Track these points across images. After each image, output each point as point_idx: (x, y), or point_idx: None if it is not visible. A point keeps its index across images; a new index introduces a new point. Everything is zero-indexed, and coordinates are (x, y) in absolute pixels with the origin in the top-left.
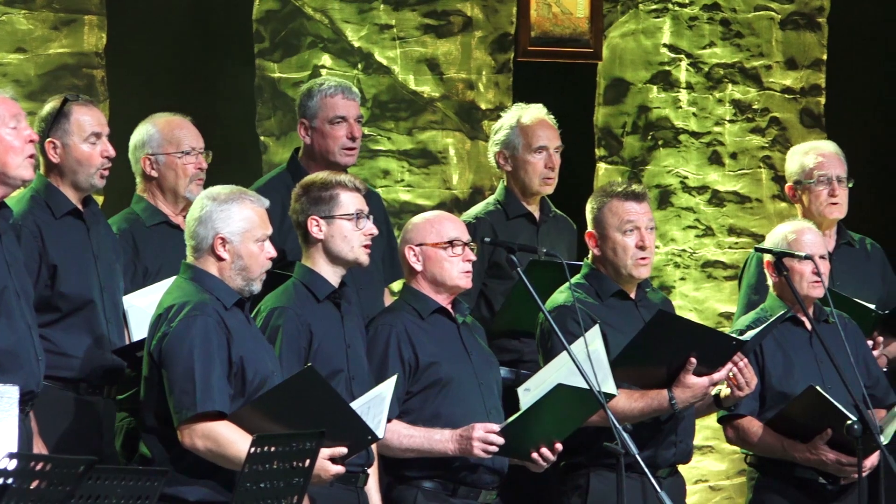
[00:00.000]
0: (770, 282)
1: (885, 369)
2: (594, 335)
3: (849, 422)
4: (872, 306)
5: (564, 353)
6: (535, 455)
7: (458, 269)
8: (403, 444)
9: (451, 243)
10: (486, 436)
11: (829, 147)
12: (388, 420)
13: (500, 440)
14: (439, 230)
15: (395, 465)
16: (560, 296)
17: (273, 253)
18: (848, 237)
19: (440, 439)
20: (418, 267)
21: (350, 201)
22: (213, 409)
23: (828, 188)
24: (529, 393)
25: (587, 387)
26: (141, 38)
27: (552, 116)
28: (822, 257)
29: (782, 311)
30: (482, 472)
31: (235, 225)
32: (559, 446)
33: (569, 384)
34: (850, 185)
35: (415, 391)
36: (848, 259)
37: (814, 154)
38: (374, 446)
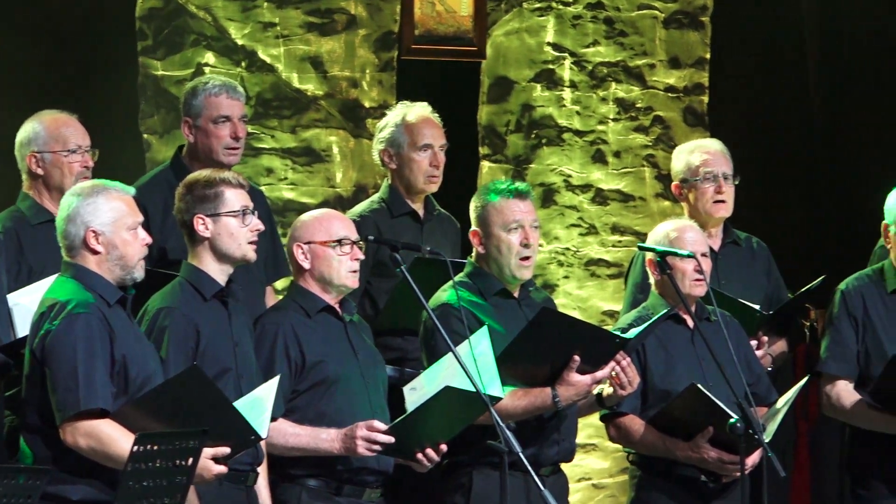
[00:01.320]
0: (652, 280)
1: (769, 369)
2: (481, 337)
3: (731, 420)
4: (757, 307)
5: (459, 350)
6: (419, 455)
7: (346, 268)
8: (289, 443)
9: (339, 242)
10: (370, 435)
11: (715, 145)
12: (274, 419)
13: (385, 439)
14: (328, 228)
15: (279, 463)
16: (443, 294)
17: (148, 239)
18: (734, 236)
19: (326, 438)
20: (306, 265)
21: (235, 198)
22: (96, 407)
23: (714, 186)
24: (416, 392)
25: (474, 389)
26: (23, 36)
27: (437, 115)
28: (704, 255)
29: (665, 310)
30: (367, 471)
31: (105, 216)
32: (444, 447)
33: (456, 387)
34: (736, 183)
35: (301, 390)
36: (734, 257)
37: (700, 152)
38: (263, 445)
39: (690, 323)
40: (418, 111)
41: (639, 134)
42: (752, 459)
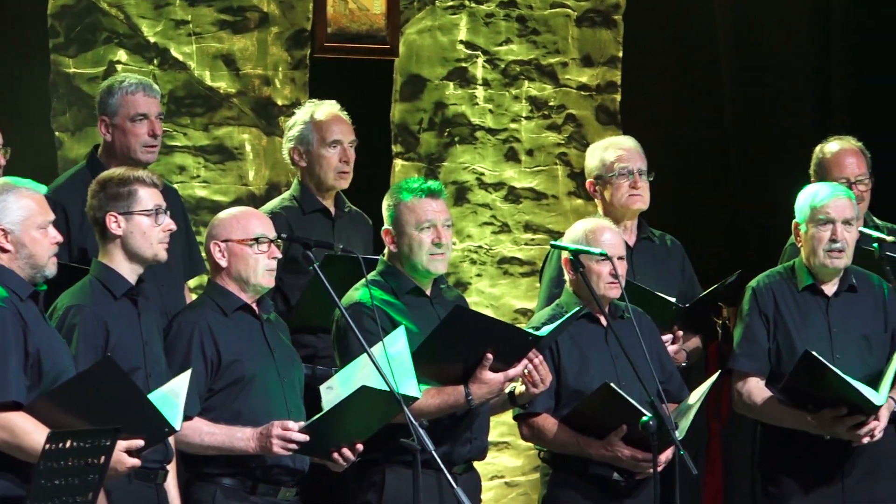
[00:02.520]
0: (567, 278)
1: (684, 363)
2: (397, 336)
3: (644, 418)
4: (673, 299)
5: (373, 350)
6: (335, 455)
7: (263, 267)
8: (205, 442)
9: (257, 240)
10: (285, 434)
11: (629, 142)
12: (190, 417)
13: (300, 437)
14: (245, 227)
15: (194, 461)
16: (356, 293)
17: (58, 237)
18: (648, 232)
19: (241, 437)
20: (223, 263)
21: (148, 197)
22: (10, 400)
23: (629, 181)
24: (332, 391)
25: (389, 389)
26: None
27: (346, 112)
28: (619, 258)
29: (577, 308)
30: (282, 470)
31: (14, 215)
32: (360, 446)
33: (372, 386)
34: (651, 179)
35: (217, 388)
36: (648, 254)
37: (614, 149)
38: (172, 443)
39: (604, 322)
40: (326, 108)
41: (551, 132)
42: (665, 456)
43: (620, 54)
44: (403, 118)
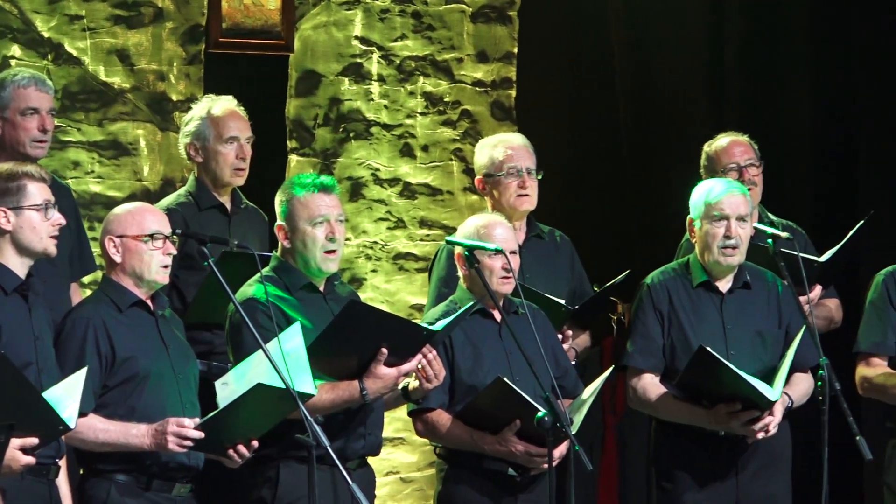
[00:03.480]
0: (460, 274)
1: (573, 362)
2: (293, 333)
3: (539, 414)
4: (563, 301)
5: (268, 347)
6: (230, 451)
7: (157, 263)
8: (99, 439)
9: (151, 237)
10: (179, 431)
11: (517, 140)
12: (84, 414)
13: (195, 434)
14: (140, 223)
15: (88, 458)
16: (249, 289)
17: None
18: (537, 229)
19: (136, 434)
20: (118, 259)
21: (38, 192)
22: None
23: (518, 180)
24: (227, 387)
25: (285, 386)
26: None
27: (242, 108)
28: (512, 252)
29: (472, 303)
30: (176, 466)
31: None
32: (255, 443)
33: (267, 384)
34: (539, 178)
35: (112, 385)
36: (538, 251)
37: (503, 147)
38: (64, 438)
39: (498, 317)
40: (223, 104)
41: (447, 128)
42: (560, 451)
43: (516, 50)
44: (298, 114)
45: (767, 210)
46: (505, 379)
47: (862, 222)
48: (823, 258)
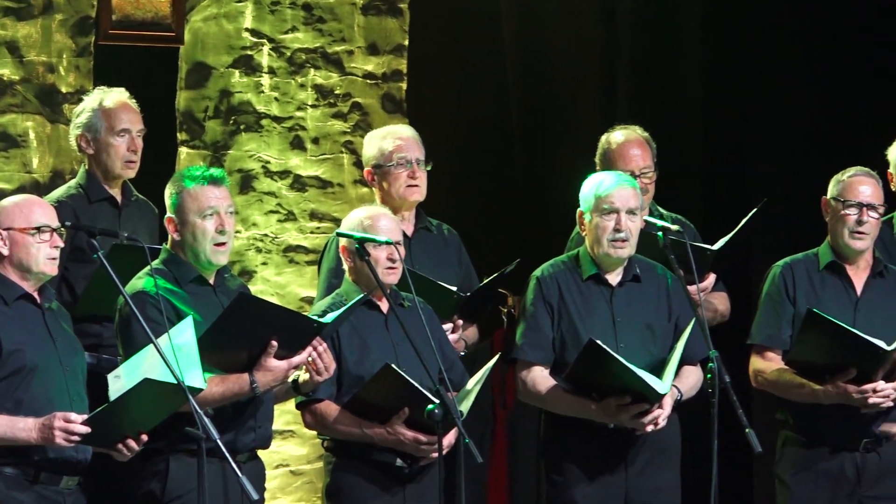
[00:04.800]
0: (346, 266)
1: (462, 353)
2: (184, 326)
3: (430, 406)
4: (454, 288)
5: (158, 340)
6: (120, 445)
7: (44, 256)
8: None
9: (38, 229)
10: (67, 426)
11: (406, 131)
12: None
13: (82, 430)
14: (28, 215)
15: None
16: (139, 281)
17: None
18: (426, 222)
19: (23, 428)
20: (5, 251)
21: None
22: None
23: (407, 171)
24: (119, 381)
25: (174, 380)
26: None
27: (134, 100)
28: (398, 243)
29: (361, 295)
30: (64, 459)
31: None
32: (145, 437)
33: (155, 379)
34: (429, 169)
35: None
36: (426, 243)
37: (392, 138)
38: None
39: (385, 309)
40: (115, 96)
41: (337, 120)
42: (449, 439)
43: (406, 43)
44: (188, 106)
45: (658, 203)
46: (393, 366)
47: (755, 210)
48: (716, 246)
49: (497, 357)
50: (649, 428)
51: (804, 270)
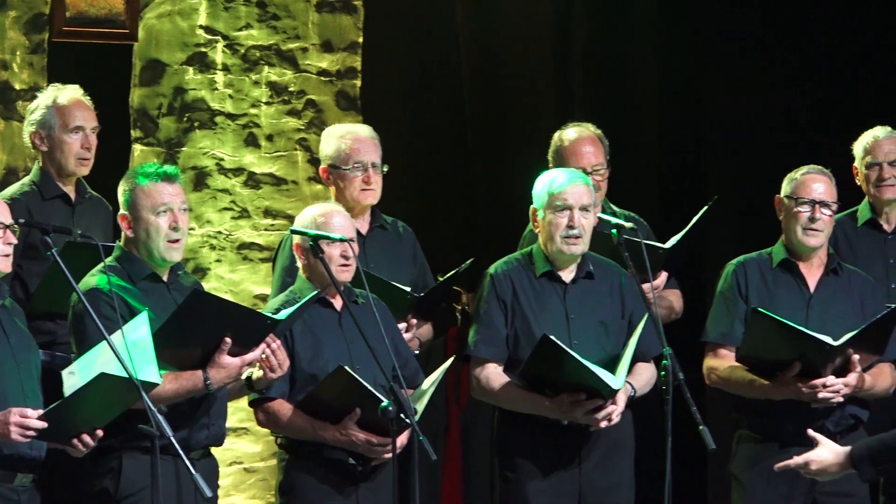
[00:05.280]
0: (299, 264)
1: (417, 351)
2: (139, 322)
3: (383, 404)
4: (408, 289)
5: (112, 337)
6: (75, 441)
7: None
8: None
9: None
10: (22, 420)
11: (364, 132)
12: None
13: (38, 424)
14: None
15: None
16: (92, 279)
17: None
18: (381, 220)
19: None
20: None
21: None
22: None
23: (363, 174)
24: (73, 377)
25: (128, 376)
26: None
27: (89, 97)
28: (351, 240)
29: (315, 292)
30: (19, 456)
31: None
32: (100, 432)
33: (111, 373)
34: (385, 171)
35: None
36: (381, 241)
37: (350, 139)
38: None
39: (338, 306)
40: (69, 93)
41: (291, 118)
42: (401, 440)
43: (361, 40)
44: (142, 103)
45: (612, 201)
46: (346, 367)
47: (706, 207)
48: (668, 244)
49: (452, 359)
50: (603, 424)
51: (757, 268)
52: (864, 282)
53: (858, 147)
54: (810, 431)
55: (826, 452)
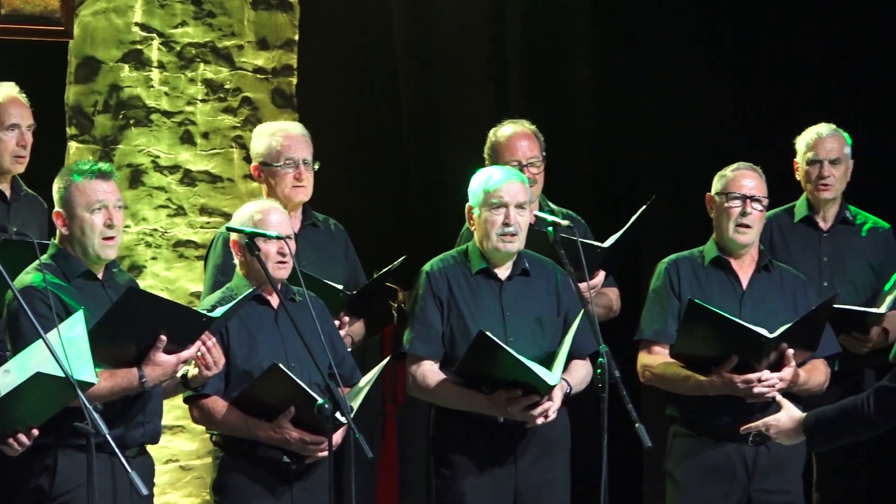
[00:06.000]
0: (236, 261)
1: (350, 349)
2: (75, 321)
3: (319, 401)
4: (340, 287)
5: (48, 335)
6: (10, 440)
7: None
8: None
9: None
10: None
11: (296, 129)
12: None
13: None
14: None
15: None
16: (27, 276)
17: None
18: (313, 217)
19: None
20: None
21: None
22: None
23: (294, 171)
24: (9, 375)
25: (65, 375)
26: None
27: (24, 95)
28: (288, 237)
29: (251, 290)
30: None
31: None
32: (36, 431)
33: (47, 372)
34: (316, 168)
35: None
36: (313, 239)
37: (281, 136)
38: None
39: (275, 303)
40: (5, 91)
41: (227, 115)
42: (337, 439)
43: (297, 37)
44: (78, 100)
45: (548, 199)
46: (280, 365)
47: (644, 207)
48: (606, 244)
49: (389, 357)
50: (539, 420)
51: (689, 266)
52: (796, 279)
53: (801, 143)
54: (778, 396)
55: (785, 417)
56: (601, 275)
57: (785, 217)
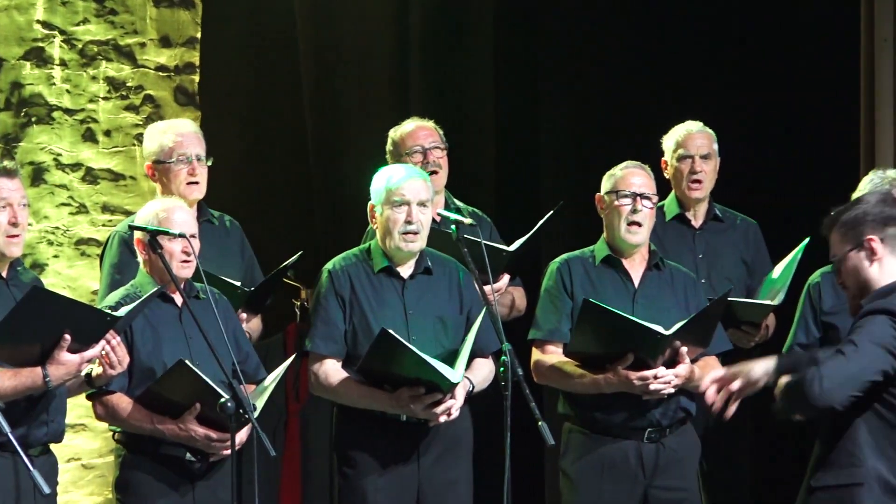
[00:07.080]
0: (140, 259)
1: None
2: None
3: (222, 399)
4: (238, 283)
5: None
6: None
7: None
8: None
9: None
10: None
11: (187, 126)
12: None
13: None
14: None
15: None
16: None
17: None
18: (208, 214)
19: None
20: None
21: None
22: None
23: (188, 168)
24: None
25: None
26: None
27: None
28: (192, 236)
29: (156, 288)
30: None
31: None
32: None
33: None
34: (210, 164)
35: None
36: (209, 236)
37: (172, 133)
38: None
39: (179, 302)
40: None
41: (129, 113)
42: (241, 437)
43: (199, 35)
44: None
45: (454, 196)
46: (187, 362)
47: (551, 213)
48: (513, 247)
49: (293, 357)
50: (442, 419)
51: (581, 266)
52: (686, 277)
53: (669, 140)
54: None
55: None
56: (506, 278)
57: (657, 216)
